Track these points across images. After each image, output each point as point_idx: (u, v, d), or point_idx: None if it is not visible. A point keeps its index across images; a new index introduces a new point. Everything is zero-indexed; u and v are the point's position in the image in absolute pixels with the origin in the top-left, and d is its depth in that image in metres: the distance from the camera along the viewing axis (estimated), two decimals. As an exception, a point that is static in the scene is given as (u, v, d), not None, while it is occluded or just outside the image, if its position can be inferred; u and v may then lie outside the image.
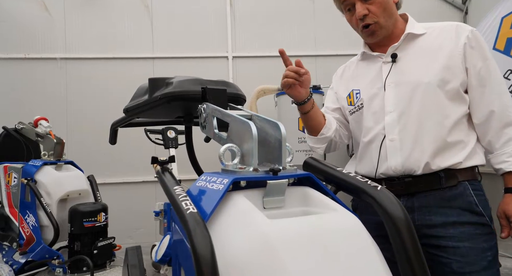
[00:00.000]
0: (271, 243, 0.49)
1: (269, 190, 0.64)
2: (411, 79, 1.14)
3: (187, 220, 0.50)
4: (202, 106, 0.92)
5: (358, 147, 1.29)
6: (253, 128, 0.67)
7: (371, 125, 1.20)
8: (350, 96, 1.29)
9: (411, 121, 1.13)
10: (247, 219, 0.55)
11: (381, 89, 1.19)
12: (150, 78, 1.03)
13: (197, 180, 0.69)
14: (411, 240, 0.57)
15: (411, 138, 1.12)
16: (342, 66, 1.41)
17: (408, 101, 1.13)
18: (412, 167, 1.11)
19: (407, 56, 1.18)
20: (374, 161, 1.18)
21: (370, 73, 1.24)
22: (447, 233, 1.08)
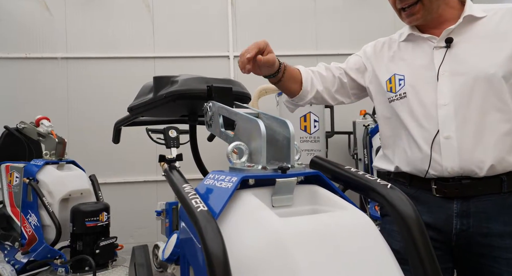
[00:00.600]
0: (284, 241, 0.49)
1: (278, 188, 0.64)
2: (471, 69, 0.99)
3: (197, 218, 0.50)
4: (208, 105, 0.91)
5: (398, 141, 1.13)
6: (261, 126, 0.67)
7: (420, 119, 1.05)
8: (391, 81, 1.12)
9: (471, 117, 0.98)
10: (257, 218, 0.55)
11: (432, 78, 1.03)
12: (155, 76, 1.02)
13: (205, 178, 0.69)
14: (422, 239, 0.57)
15: (471, 136, 0.98)
16: (381, 40, 1.23)
17: (468, 94, 0.99)
18: (473, 168, 0.98)
19: (464, 42, 1.03)
20: (424, 160, 1.03)
21: (418, 58, 1.09)
22: (503, 243, 0.97)
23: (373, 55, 1.21)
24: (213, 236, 0.47)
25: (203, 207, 0.52)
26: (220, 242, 0.47)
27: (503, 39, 0.99)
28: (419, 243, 0.57)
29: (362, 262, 0.50)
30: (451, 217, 1.01)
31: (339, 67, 1.25)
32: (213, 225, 0.49)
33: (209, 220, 0.50)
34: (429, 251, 0.56)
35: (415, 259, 0.56)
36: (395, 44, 1.17)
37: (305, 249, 0.49)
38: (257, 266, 0.49)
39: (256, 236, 0.52)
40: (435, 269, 0.55)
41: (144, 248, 0.77)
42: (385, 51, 1.19)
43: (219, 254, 0.45)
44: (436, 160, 1.01)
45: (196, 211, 0.51)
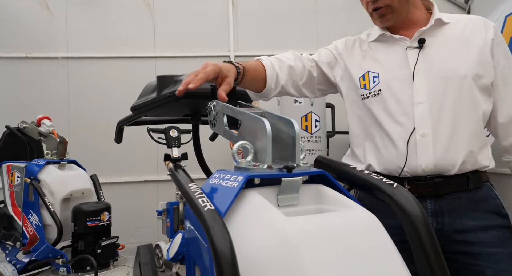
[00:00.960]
0: (291, 241, 0.48)
1: (283, 187, 0.63)
2: (444, 69, 1.04)
3: (205, 217, 0.49)
4: (212, 104, 0.91)
5: (367, 138, 1.14)
6: (267, 125, 0.67)
7: (396, 116, 1.06)
8: (365, 78, 1.13)
9: (446, 116, 1.02)
10: (264, 217, 0.55)
11: (407, 76, 1.06)
12: (158, 75, 1.02)
13: (210, 178, 0.69)
14: (429, 238, 0.57)
15: (446, 134, 1.01)
16: (351, 38, 1.25)
17: (442, 93, 1.03)
18: (447, 166, 1.01)
19: (435, 43, 1.08)
20: (399, 157, 1.04)
21: (392, 58, 1.11)
22: (478, 238, 1.00)
23: (345, 51, 1.21)
24: (220, 235, 0.47)
25: (210, 206, 0.52)
26: (228, 241, 0.47)
27: (468, 45, 1.06)
28: (426, 243, 0.57)
29: (370, 261, 0.50)
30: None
31: (311, 59, 1.20)
32: (220, 224, 0.49)
33: (217, 219, 0.50)
34: (436, 250, 0.56)
35: (422, 260, 0.56)
36: (365, 44, 1.19)
37: (313, 249, 0.49)
38: (265, 266, 0.49)
39: (263, 236, 0.51)
40: (443, 269, 0.55)
41: (149, 247, 0.77)
42: (356, 48, 1.20)
43: (227, 253, 0.45)
44: (411, 158, 1.02)
45: (203, 210, 0.51)
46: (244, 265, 0.50)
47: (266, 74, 1.09)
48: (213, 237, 0.47)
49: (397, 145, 1.04)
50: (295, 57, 1.17)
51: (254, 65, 1.10)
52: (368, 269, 0.49)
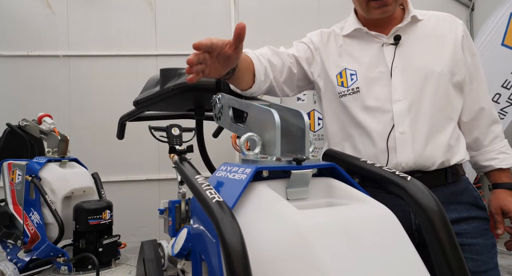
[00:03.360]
0: (304, 234, 0.46)
1: (293, 180, 0.61)
2: (420, 66, 1.04)
3: (213, 210, 0.47)
4: (217, 97, 0.89)
5: (345, 137, 1.12)
6: (275, 116, 0.64)
7: (375, 114, 1.05)
8: (342, 75, 1.11)
9: (423, 113, 1.02)
10: (275, 210, 0.52)
11: (384, 74, 1.05)
12: (161, 68, 1.00)
13: (217, 170, 0.66)
14: (446, 232, 0.54)
15: (424, 131, 1.02)
16: (325, 31, 1.20)
17: (419, 90, 1.02)
18: (426, 163, 1.01)
19: (411, 40, 1.07)
20: (379, 155, 1.04)
21: (368, 54, 1.09)
22: (461, 229, 1.01)
23: (321, 46, 1.16)
24: (230, 227, 0.45)
25: (218, 198, 0.50)
26: (238, 234, 0.44)
27: (442, 42, 1.06)
28: (443, 237, 0.54)
29: (384, 254, 0.48)
30: (408, 213, 1.00)
31: (291, 55, 1.14)
32: (229, 216, 0.46)
33: (226, 211, 0.47)
34: (454, 245, 0.54)
35: (438, 254, 0.54)
36: (339, 38, 1.15)
37: (327, 241, 0.46)
38: (278, 258, 0.46)
39: (275, 228, 0.49)
40: (460, 263, 0.52)
41: (154, 243, 0.75)
42: (331, 43, 1.16)
43: (237, 245, 0.43)
44: (392, 155, 1.02)
45: (211, 201, 0.49)
46: (255, 258, 0.48)
47: (253, 67, 1.00)
48: (222, 229, 0.44)
49: (376, 142, 1.03)
50: (273, 53, 1.10)
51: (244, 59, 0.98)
52: (383, 262, 0.47)
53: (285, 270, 0.45)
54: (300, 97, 3.31)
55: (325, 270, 0.43)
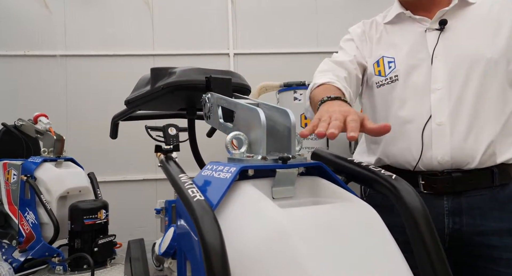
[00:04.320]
0: (286, 232, 0.46)
1: (278, 179, 0.61)
2: (467, 53, 0.94)
3: (194, 208, 0.47)
4: (207, 96, 0.89)
5: None
6: (261, 114, 0.64)
7: (411, 104, 0.97)
8: (379, 64, 1.04)
9: (466, 103, 0.93)
10: (258, 209, 0.52)
11: (425, 61, 0.97)
12: (152, 67, 1.00)
13: (203, 169, 0.66)
14: (429, 231, 0.54)
15: (465, 123, 0.92)
16: (367, 21, 1.13)
17: (463, 79, 0.93)
18: (465, 158, 0.91)
19: (458, 25, 0.98)
20: (412, 149, 0.95)
21: (409, 40, 1.02)
22: (502, 242, 0.90)
23: (363, 37, 1.12)
24: (210, 226, 0.45)
25: (200, 197, 0.49)
26: (218, 233, 0.44)
27: (497, 26, 0.96)
28: (426, 236, 0.54)
29: (368, 253, 0.48)
30: (442, 216, 0.93)
31: (352, 61, 1.08)
32: (210, 215, 0.46)
33: (206, 210, 0.47)
34: (436, 244, 0.54)
35: (421, 253, 0.54)
36: (380, 27, 1.10)
37: (309, 239, 0.46)
38: (260, 257, 0.46)
39: (257, 227, 0.49)
40: (443, 263, 0.52)
41: (140, 242, 0.74)
42: (372, 33, 1.12)
43: (216, 244, 0.43)
44: (426, 149, 0.93)
45: (192, 200, 0.48)
46: (237, 256, 0.48)
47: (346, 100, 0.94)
48: (201, 228, 0.44)
49: (410, 135, 0.96)
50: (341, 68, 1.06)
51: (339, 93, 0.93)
52: (365, 261, 0.46)
53: (267, 268, 0.45)
54: (297, 97, 3.31)
55: (306, 268, 0.43)
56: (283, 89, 3.44)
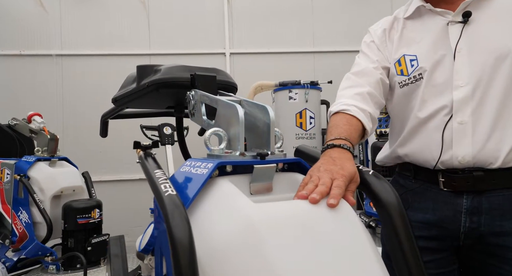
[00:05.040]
0: (255, 226, 0.46)
1: (256, 174, 0.61)
2: (493, 46, 0.88)
3: (165, 203, 0.47)
4: (191, 93, 0.89)
5: (404, 127, 1.00)
6: (239, 110, 0.64)
7: (431, 101, 0.93)
8: (401, 63, 0.99)
9: (490, 100, 0.87)
10: (230, 203, 0.52)
11: (446, 56, 0.92)
12: (138, 65, 1.00)
13: (182, 166, 0.66)
14: (403, 225, 0.54)
15: (489, 122, 0.87)
16: (388, 19, 1.07)
17: (489, 75, 0.88)
18: (487, 158, 0.87)
19: (484, 17, 0.92)
20: (433, 147, 0.92)
21: (430, 35, 0.96)
22: None
23: (383, 37, 1.06)
24: (179, 221, 0.45)
25: (171, 192, 0.49)
26: (187, 228, 0.44)
27: None
28: (400, 230, 0.54)
29: (338, 248, 0.48)
30: (459, 214, 0.90)
31: (376, 67, 1.02)
32: (180, 210, 0.46)
33: (177, 205, 0.47)
34: (409, 238, 0.54)
35: (395, 247, 0.54)
36: (400, 23, 1.04)
37: (279, 233, 0.46)
38: (229, 251, 0.46)
39: (228, 222, 0.49)
40: (415, 256, 0.52)
41: (120, 239, 0.74)
42: (394, 30, 1.06)
43: (184, 240, 0.43)
44: (446, 148, 0.90)
45: (164, 195, 0.48)
46: (209, 251, 0.48)
47: (362, 124, 0.91)
48: (171, 223, 0.44)
49: (430, 134, 0.93)
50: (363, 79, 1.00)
51: (353, 127, 0.88)
52: (335, 253, 0.46)
53: (235, 262, 0.45)
54: (292, 97, 3.30)
55: (273, 261, 0.43)
56: (278, 88, 3.44)
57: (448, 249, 0.94)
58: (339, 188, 0.56)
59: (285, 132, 2.91)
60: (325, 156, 0.71)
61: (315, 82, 3.40)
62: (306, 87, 3.25)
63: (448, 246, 0.93)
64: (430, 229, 0.94)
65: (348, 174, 0.61)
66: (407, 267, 0.51)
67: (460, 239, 0.91)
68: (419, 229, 0.94)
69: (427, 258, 0.92)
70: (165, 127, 3.29)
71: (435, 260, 0.93)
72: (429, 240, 0.94)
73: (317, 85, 3.41)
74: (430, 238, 0.94)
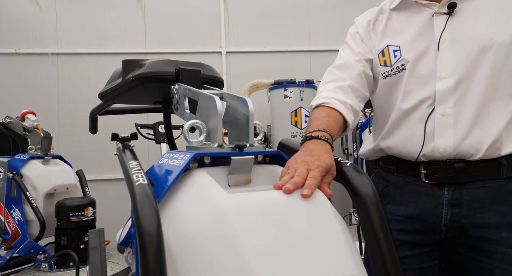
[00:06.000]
0: (225, 215, 0.46)
1: (233, 166, 0.61)
2: (477, 37, 0.88)
3: (135, 192, 0.47)
4: (175, 87, 0.89)
5: (387, 119, 1.00)
6: (217, 102, 0.64)
7: (414, 93, 0.93)
8: (384, 53, 0.98)
9: (473, 92, 0.87)
10: (204, 194, 0.52)
11: (430, 47, 0.92)
12: (123, 59, 0.99)
13: (161, 157, 0.66)
14: (379, 217, 0.54)
15: (471, 113, 0.87)
16: (374, 10, 1.07)
17: (472, 66, 0.87)
18: (469, 150, 0.86)
19: (469, 8, 0.91)
20: (415, 139, 0.91)
21: (415, 26, 0.96)
22: (499, 236, 0.86)
23: (368, 28, 1.06)
24: (148, 210, 0.44)
25: (143, 181, 0.49)
26: (155, 217, 0.44)
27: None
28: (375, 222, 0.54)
29: (308, 237, 0.47)
30: (441, 206, 0.90)
31: (358, 59, 1.02)
32: (150, 200, 0.46)
33: (147, 194, 0.47)
34: (385, 230, 0.54)
35: (371, 237, 0.53)
36: (386, 14, 1.04)
37: (249, 223, 0.46)
38: (199, 241, 0.46)
39: (199, 212, 0.49)
40: (390, 248, 0.52)
41: (100, 232, 0.74)
42: (378, 21, 1.06)
43: (152, 229, 0.43)
44: (428, 140, 0.90)
45: (134, 184, 0.48)
46: (180, 241, 0.47)
47: (343, 116, 0.91)
48: (139, 212, 0.44)
49: (412, 126, 0.92)
50: (344, 73, 1.00)
51: (332, 119, 0.88)
52: (305, 244, 0.46)
53: (205, 252, 0.45)
54: (287, 95, 3.30)
55: (241, 251, 0.43)
56: (273, 87, 3.44)
57: (430, 244, 0.93)
58: (314, 178, 0.56)
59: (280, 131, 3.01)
60: (303, 147, 0.71)
61: (311, 80, 3.40)
62: (301, 85, 3.25)
63: (430, 240, 0.93)
64: (412, 222, 0.93)
65: (325, 165, 0.61)
66: (382, 257, 0.51)
67: (441, 232, 0.91)
68: (401, 223, 0.94)
69: (408, 252, 0.93)
70: (160, 126, 3.29)
71: (417, 255, 0.93)
72: (411, 234, 0.93)
73: (313, 84, 3.42)
74: (412, 232, 0.93)
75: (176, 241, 0.47)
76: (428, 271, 0.93)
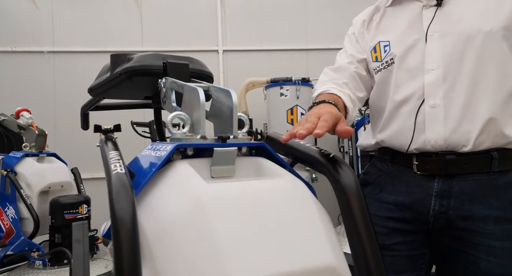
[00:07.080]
0: (201, 202, 0.46)
1: (216, 158, 0.61)
2: (465, 28, 0.88)
3: (111, 181, 0.46)
4: (162, 81, 0.88)
5: (382, 113, 1.01)
6: (200, 93, 0.64)
7: (404, 86, 0.94)
8: (376, 50, 1.00)
9: (462, 83, 0.87)
10: (183, 183, 0.52)
11: (419, 40, 0.92)
12: (112, 54, 0.99)
13: (144, 149, 0.66)
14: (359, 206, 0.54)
15: (460, 104, 0.87)
16: (370, 9, 1.09)
17: (459, 56, 0.87)
18: (459, 141, 0.87)
19: (458, 0, 0.92)
20: (406, 131, 0.93)
21: (405, 21, 0.97)
22: (485, 229, 0.87)
23: (362, 28, 1.09)
24: (123, 200, 0.44)
25: (120, 170, 0.49)
26: (131, 207, 0.43)
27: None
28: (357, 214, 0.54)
29: (286, 227, 0.47)
30: (430, 197, 0.91)
31: (351, 61, 1.06)
32: (126, 189, 0.46)
33: (124, 183, 0.46)
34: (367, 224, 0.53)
35: (352, 230, 0.53)
36: (380, 12, 1.06)
37: (227, 212, 0.46)
38: (176, 230, 0.46)
39: (178, 201, 0.49)
40: (371, 240, 0.52)
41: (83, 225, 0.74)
42: (372, 21, 1.08)
43: (126, 218, 0.42)
44: (419, 132, 0.90)
45: (111, 173, 0.48)
46: (158, 231, 0.47)
47: (343, 101, 0.94)
48: (114, 201, 0.43)
49: (404, 118, 0.94)
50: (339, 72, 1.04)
51: (335, 97, 0.93)
52: (282, 233, 0.46)
53: (180, 240, 0.44)
54: (283, 93, 3.30)
55: (215, 238, 0.43)
56: (269, 85, 3.44)
57: (419, 232, 0.95)
58: (325, 121, 0.63)
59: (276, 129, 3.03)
60: (310, 111, 0.76)
61: (307, 79, 3.40)
62: (297, 84, 3.25)
63: (419, 229, 0.94)
64: (402, 210, 0.95)
65: (335, 112, 0.67)
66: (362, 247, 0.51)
67: (429, 222, 0.92)
68: (391, 211, 0.97)
69: (399, 239, 0.95)
70: (156, 124, 3.28)
71: (406, 242, 0.95)
72: (400, 222, 0.96)
73: (309, 82, 3.41)
74: (401, 219, 0.96)
75: (153, 230, 0.47)
76: (418, 258, 0.95)
